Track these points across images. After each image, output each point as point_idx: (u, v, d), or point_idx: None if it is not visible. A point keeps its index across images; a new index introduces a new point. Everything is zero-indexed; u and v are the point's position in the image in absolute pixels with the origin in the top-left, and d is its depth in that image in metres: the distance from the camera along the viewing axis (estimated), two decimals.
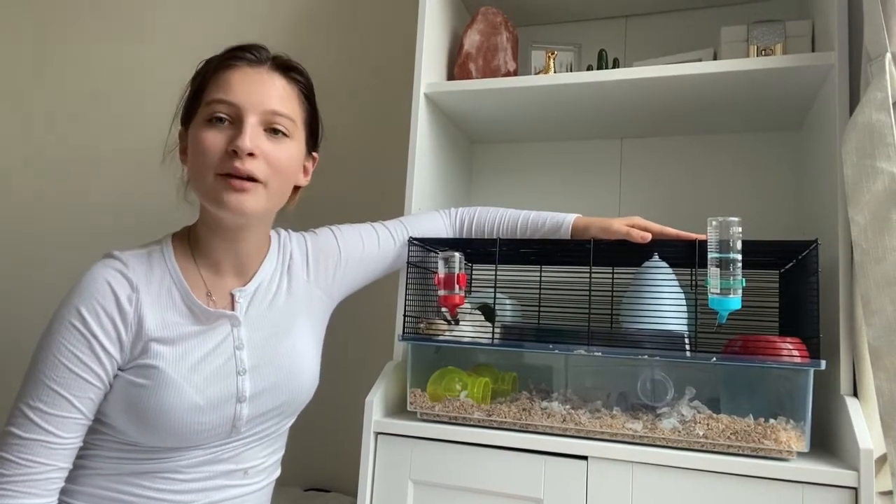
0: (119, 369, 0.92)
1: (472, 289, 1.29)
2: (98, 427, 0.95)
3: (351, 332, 1.61)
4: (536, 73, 1.37)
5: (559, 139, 1.54)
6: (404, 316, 1.13)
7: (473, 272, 1.32)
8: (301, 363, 1.04)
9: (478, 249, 1.17)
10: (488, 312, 1.13)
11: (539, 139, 1.56)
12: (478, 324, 1.11)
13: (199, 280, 0.99)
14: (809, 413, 0.92)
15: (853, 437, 0.90)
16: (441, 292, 1.09)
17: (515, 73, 1.39)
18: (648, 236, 1.03)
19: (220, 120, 0.92)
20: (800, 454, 0.93)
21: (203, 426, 0.93)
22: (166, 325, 0.93)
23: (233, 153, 0.90)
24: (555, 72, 1.32)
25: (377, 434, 1.08)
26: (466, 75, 1.37)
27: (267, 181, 0.93)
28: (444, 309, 1.09)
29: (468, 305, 1.14)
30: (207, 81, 0.96)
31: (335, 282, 1.12)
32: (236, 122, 0.92)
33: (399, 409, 1.16)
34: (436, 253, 1.14)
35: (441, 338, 1.10)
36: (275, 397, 1.00)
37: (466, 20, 1.49)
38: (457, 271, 1.08)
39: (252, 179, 0.92)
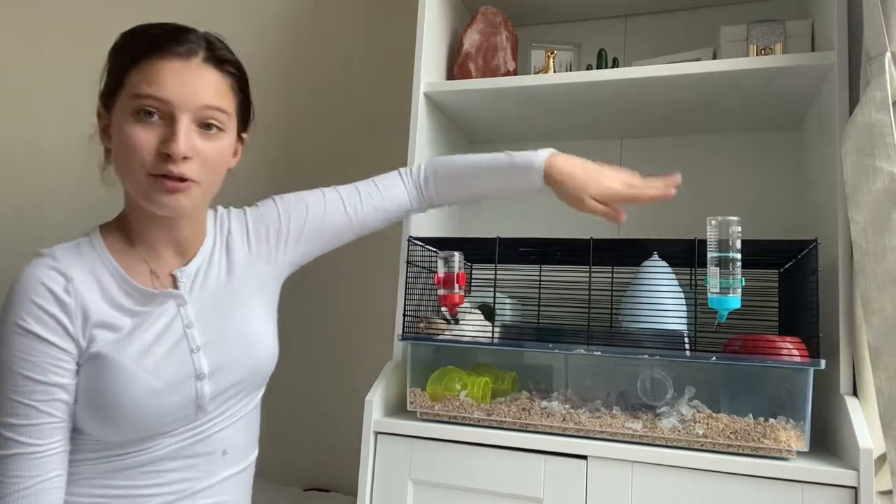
0: (77, 363, 0.89)
1: (472, 288, 1.29)
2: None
3: (351, 332, 1.61)
4: (536, 73, 1.37)
5: (559, 139, 1.54)
6: (404, 316, 1.13)
7: (473, 272, 1.32)
8: (254, 337, 1.01)
9: (478, 249, 1.17)
10: (488, 312, 1.13)
11: (539, 139, 1.55)
12: (478, 323, 1.11)
13: (140, 263, 0.96)
14: (809, 412, 0.92)
15: (853, 437, 0.90)
16: (441, 291, 1.09)
17: (515, 73, 1.39)
18: (623, 218, 1.04)
19: (149, 114, 0.87)
20: (799, 453, 0.93)
21: (165, 409, 0.90)
22: (107, 312, 0.91)
23: (166, 156, 0.87)
24: (554, 71, 1.33)
25: (377, 434, 1.08)
26: (466, 75, 1.37)
27: (201, 180, 0.91)
28: (443, 308, 1.09)
29: (468, 305, 1.14)
30: (130, 68, 0.89)
31: (279, 252, 1.08)
32: (167, 118, 0.88)
33: (399, 408, 1.16)
34: (435, 252, 1.14)
35: (441, 337, 1.10)
36: (234, 372, 0.98)
37: (466, 20, 1.49)
38: (456, 270, 1.08)
39: (186, 179, 0.89)
